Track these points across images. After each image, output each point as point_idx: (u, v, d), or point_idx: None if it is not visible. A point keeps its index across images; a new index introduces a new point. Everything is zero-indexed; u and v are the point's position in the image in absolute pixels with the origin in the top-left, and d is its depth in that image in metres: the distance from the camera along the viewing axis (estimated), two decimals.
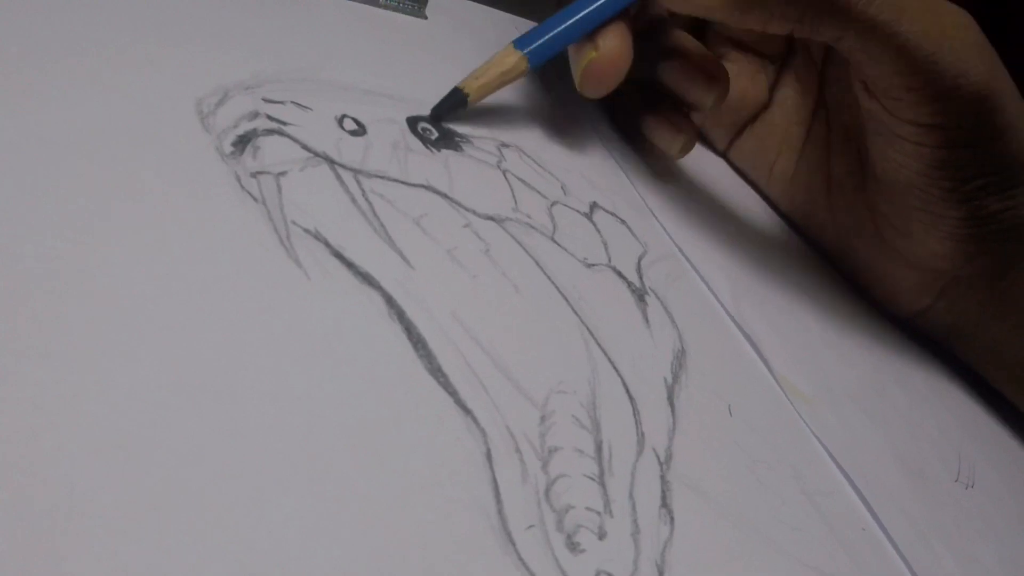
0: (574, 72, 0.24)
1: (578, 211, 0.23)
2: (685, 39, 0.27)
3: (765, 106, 0.30)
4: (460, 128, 0.23)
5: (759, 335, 0.23)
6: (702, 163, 0.31)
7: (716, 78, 0.26)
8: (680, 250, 0.25)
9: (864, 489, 0.21)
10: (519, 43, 0.23)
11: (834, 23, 0.22)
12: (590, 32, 0.24)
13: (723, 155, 0.32)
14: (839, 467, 0.21)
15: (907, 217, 0.25)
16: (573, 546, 0.15)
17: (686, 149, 0.27)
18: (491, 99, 0.24)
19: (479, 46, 0.27)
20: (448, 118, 0.23)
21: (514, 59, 0.23)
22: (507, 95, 0.26)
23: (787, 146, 0.30)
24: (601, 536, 0.15)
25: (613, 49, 0.23)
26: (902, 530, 0.20)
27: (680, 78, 0.26)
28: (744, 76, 0.30)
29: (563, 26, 0.24)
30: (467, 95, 0.23)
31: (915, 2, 0.21)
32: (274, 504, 0.12)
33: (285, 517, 0.12)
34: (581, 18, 0.24)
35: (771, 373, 0.22)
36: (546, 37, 0.23)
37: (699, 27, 0.30)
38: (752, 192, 0.32)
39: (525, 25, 0.31)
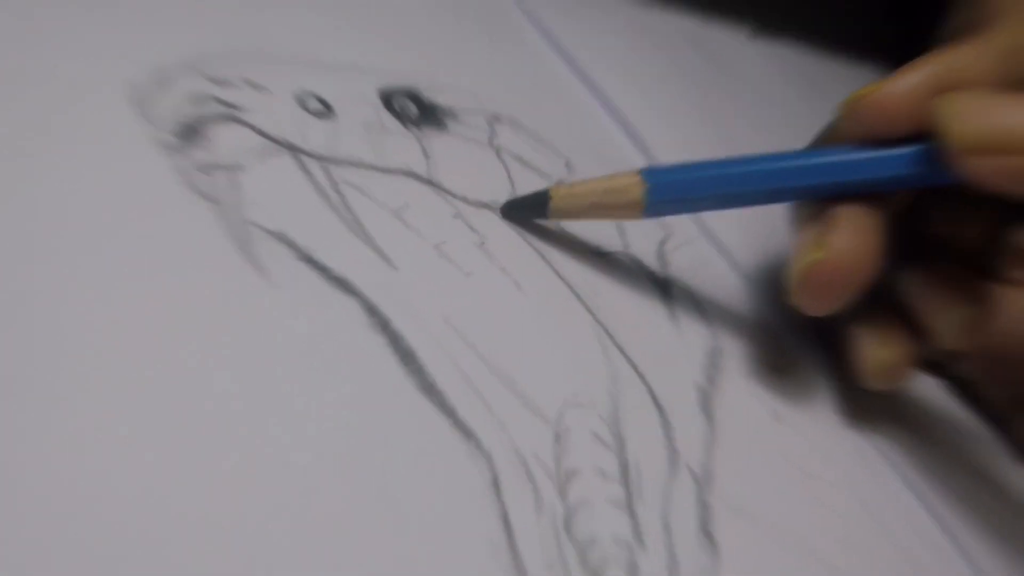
0: (792, 258, 0.19)
1: None
2: (935, 240, 0.22)
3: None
4: (443, 101, 0.23)
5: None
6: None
7: (970, 297, 0.20)
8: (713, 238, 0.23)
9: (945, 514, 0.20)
10: (649, 172, 0.19)
11: None
12: (819, 202, 0.19)
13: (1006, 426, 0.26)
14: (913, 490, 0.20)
15: None
16: None
17: (893, 371, 0.21)
18: (479, 66, 0.23)
19: (461, 6, 0.26)
20: (513, 219, 0.20)
21: (628, 185, 0.19)
22: (496, 58, 0.25)
23: None
24: (632, 572, 0.15)
25: (848, 251, 0.18)
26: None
27: (920, 288, 0.21)
28: None
29: (728, 171, 0.19)
30: (551, 206, 0.20)
31: None
32: (253, 542, 0.12)
33: (264, 558, 0.12)
34: (771, 173, 0.18)
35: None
36: (689, 177, 0.19)
37: (994, 237, 0.24)
38: None
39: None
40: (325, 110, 0.20)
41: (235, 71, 0.19)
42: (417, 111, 0.21)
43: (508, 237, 0.20)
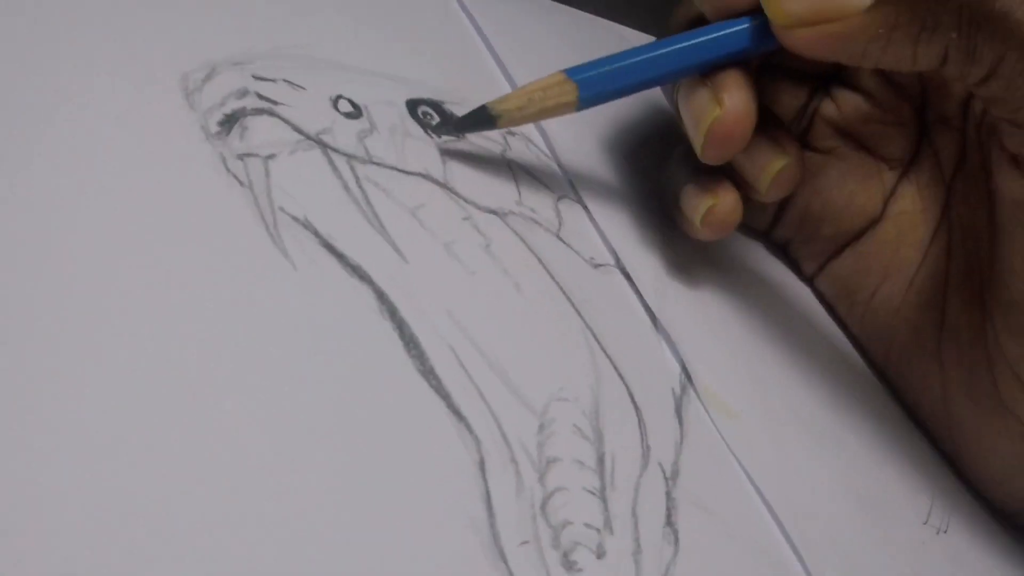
0: (691, 130, 0.21)
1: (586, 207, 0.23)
2: (762, 105, 0.23)
3: (876, 220, 0.25)
4: (463, 114, 0.23)
5: (679, 333, 0.21)
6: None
7: (783, 152, 0.22)
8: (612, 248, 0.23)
9: (788, 522, 0.19)
10: (573, 71, 0.21)
11: (995, 34, 0.18)
12: (696, 76, 0.21)
13: (809, 281, 0.27)
14: (758, 492, 0.19)
15: None
16: (569, 565, 0.15)
17: (715, 216, 0.22)
18: (500, 85, 0.23)
19: (486, 26, 0.27)
20: (470, 130, 0.21)
21: (557, 83, 0.21)
22: (517, 81, 0.26)
23: (896, 271, 0.25)
24: (600, 555, 0.16)
25: (740, 107, 0.20)
26: (833, 574, 0.18)
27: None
28: (854, 178, 0.25)
29: (636, 60, 0.21)
30: (496, 116, 0.21)
31: None
32: (248, 514, 0.13)
33: (264, 529, 0.12)
34: (667, 57, 0.20)
35: (690, 381, 0.20)
36: (609, 69, 0.20)
37: (805, 107, 0.26)
38: None
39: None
40: (355, 112, 0.20)
41: (277, 71, 0.19)
42: (439, 120, 0.22)
43: (512, 242, 0.20)
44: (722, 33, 0.20)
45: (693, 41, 0.20)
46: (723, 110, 0.20)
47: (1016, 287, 0.21)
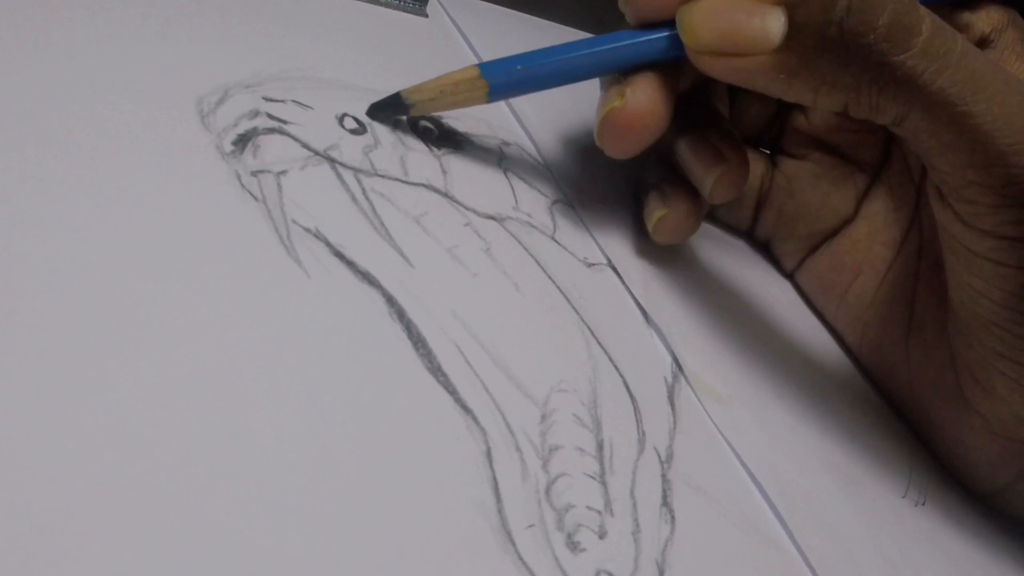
0: (597, 120, 0.20)
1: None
2: (715, 113, 0.23)
3: (849, 220, 0.25)
4: (461, 127, 0.23)
5: (669, 326, 0.21)
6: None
7: (723, 158, 0.21)
8: (600, 247, 0.23)
9: (777, 498, 0.18)
10: (486, 67, 0.20)
11: (896, 96, 0.17)
12: (617, 75, 0.20)
13: (789, 276, 0.27)
14: (748, 472, 0.19)
15: (988, 367, 0.20)
16: (573, 545, 0.15)
17: (664, 225, 0.22)
18: (499, 106, 0.23)
19: (480, 44, 0.27)
20: (383, 120, 0.21)
21: (469, 79, 0.20)
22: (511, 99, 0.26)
23: (869, 268, 0.25)
24: (602, 535, 0.15)
25: (642, 102, 0.19)
26: (820, 546, 0.18)
27: (687, 152, 0.22)
28: (827, 181, 0.25)
29: (551, 59, 0.20)
30: (409, 105, 0.20)
31: (995, 77, 0.17)
32: (273, 503, 0.13)
33: (283, 517, 0.12)
34: (581, 57, 0.20)
35: (680, 370, 0.20)
36: (521, 65, 0.20)
37: (776, 117, 0.26)
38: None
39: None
40: (360, 128, 0.20)
41: (286, 92, 0.19)
42: (438, 134, 0.22)
43: (510, 245, 0.20)
44: (649, 38, 0.20)
45: (610, 46, 0.20)
46: (623, 102, 0.20)
47: (959, 305, 0.20)
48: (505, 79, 0.20)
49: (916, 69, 0.17)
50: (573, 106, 0.26)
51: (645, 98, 0.20)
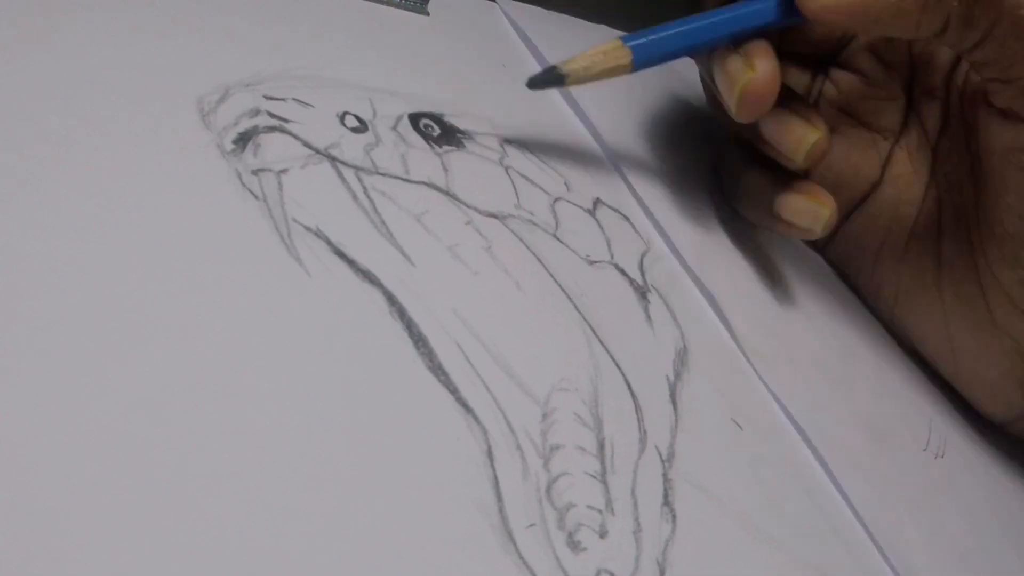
0: (726, 91, 0.23)
1: (581, 208, 0.23)
2: (788, 89, 0.25)
3: (877, 184, 0.28)
4: (462, 125, 0.23)
5: (720, 293, 0.23)
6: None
7: (814, 126, 0.23)
8: (660, 228, 0.24)
9: (821, 448, 0.20)
10: (628, 38, 0.22)
11: (988, 5, 0.20)
12: (729, 46, 0.23)
13: (820, 250, 0.30)
14: (794, 423, 0.21)
15: None
16: (574, 544, 0.15)
17: (818, 217, 0.24)
18: (496, 97, 0.24)
19: (481, 42, 0.27)
20: (540, 87, 0.23)
21: (615, 49, 0.22)
22: (511, 94, 0.26)
23: (897, 226, 0.27)
24: (602, 534, 0.15)
25: (769, 71, 0.22)
26: (861, 492, 0.20)
27: (775, 125, 0.24)
28: (856, 150, 0.27)
29: (681, 29, 0.22)
30: (565, 75, 0.22)
31: None
32: (273, 503, 0.13)
33: (284, 515, 0.12)
34: (706, 27, 0.22)
35: (730, 330, 0.22)
36: (658, 37, 0.22)
37: (809, 90, 0.28)
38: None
39: (526, 15, 0.31)
40: (361, 127, 0.20)
41: (287, 91, 0.19)
42: (440, 132, 0.22)
43: (512, 244, 0.20)
44: (754, 8, 0.22)
45: (730, 15, 0.22)
46: (755, 73, 0.22)
47: (1010, 221, 0.23)
48: (646, 47, 0.22)
49: None
50: (632, 95, 0.28)
51: (770, 66, 0.22)
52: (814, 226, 0.24)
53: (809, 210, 0.24)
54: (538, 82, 0.22)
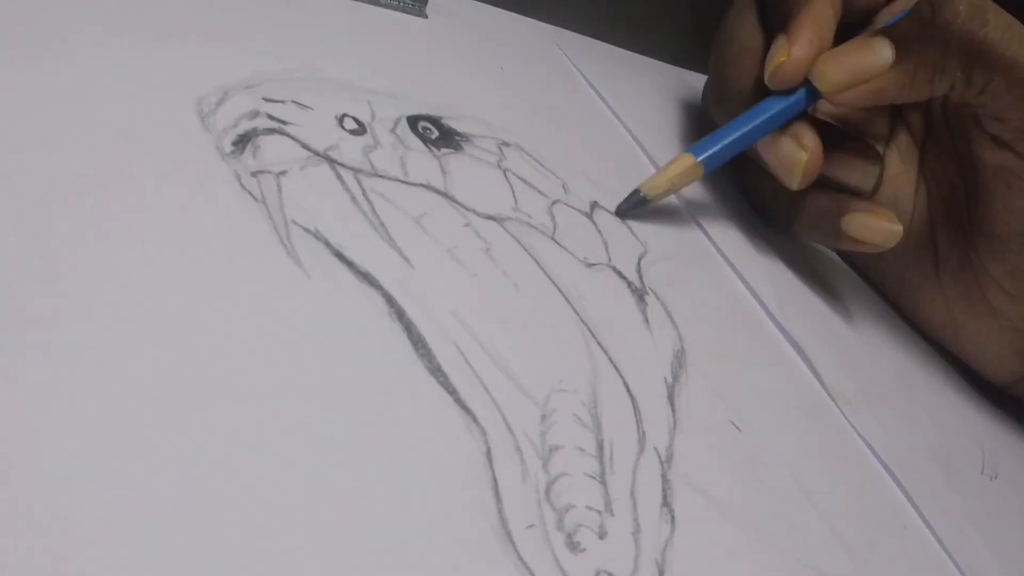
0: (784, 171, 0.26)
1: (579, 210, 0.23)
2: (833, 128, 0.28)
3: (876, 186, 0.30)
4: (461, 127, 0.23)
5: (805, 342, 0.25)
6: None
7: (874, 157, 0.27)
8: (720, 251, 0.26)
9: (906, 483, 0.22)
10: (696, 150, 0.25)
11: (984, 65, 0.23)
12: (774, 130, 0.26)
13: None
14: (883, 464, 0.22)
15: (1019, 275, 0.27)
16: (573, 545, 0.15)
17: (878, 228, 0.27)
18: (494, 99, 0.24)
19: (479, 45, 0.27)
20: (630, 216, 0.25)
21: (690, 166, 0.25)
22: (509, 95, 0.26)
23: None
24: (602, 535, 0.15)
25: (817, 148, 0.25)
26: (942, 523, 0.21)
27: (838, 165, 0.27)
28: (854, 158, 0.30)
29: (739, 134, 0.26)
30: (647, 197, 0.25)
31: None
32: (272, 503, 0.13)
33: (283, 517, 0.12)
34: (757, 126, 0.26)
35: (819, 381, 0.24)
36: (722, 145, 0.25)
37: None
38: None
39: (525, 24, 0.31)
40: (360, 129, 0.20)
41: (286, 93, 0.19)
42: (438, 134, 0.22)
43: (510, 246, 0.20)
44: (794, 100, 0.26)
45: (776, 111, 0.26)
46: (808, 153, 0.25)
47: (998, 224, 0.27)
48: (714, 159, 0.25)
49: (994, 39, 0.23)
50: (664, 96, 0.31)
51: (816, 143, 0.25)
52: (887, 242, 0.26)
53: (880, 228, 0.26)
54: (625, 209, 0.25)
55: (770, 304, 0.25)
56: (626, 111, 0.30)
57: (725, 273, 0.26)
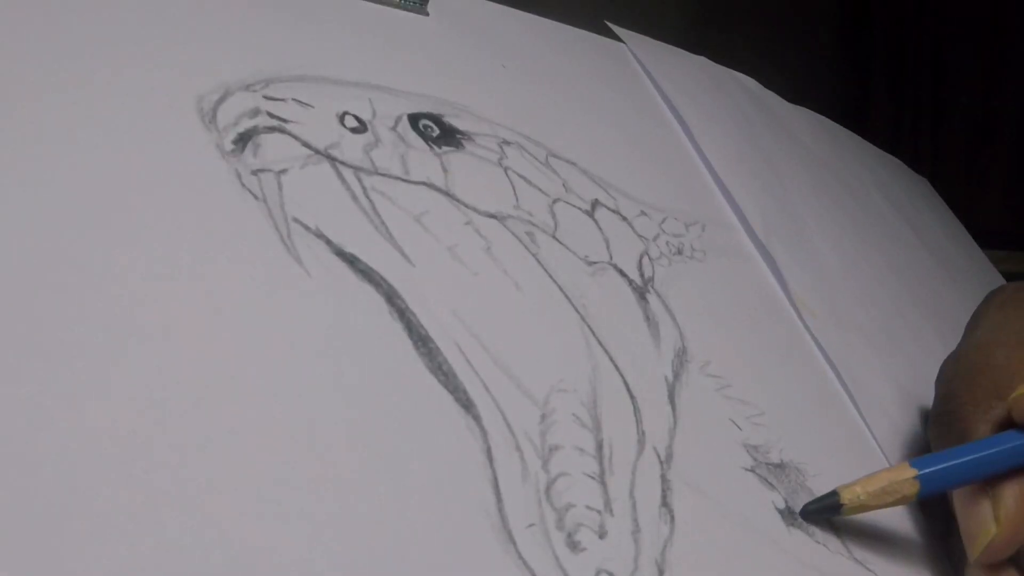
0: (968, 537, 0.20)
1: (580, 208, 0.23)
2: None
3: None
4: (462, 125, 0.23)
5: (781, 260, 0.25)
6: None
7: (996, 517, 0.20)
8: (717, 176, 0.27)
9: (866, 411, 0.23)
10: (917, 463, 0.20)
11: None
12: (984, 479, 0.20)
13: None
14: (836, 374, 0.23)
15: None
16: (573, 545, 0.15)
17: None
18: (496, 97, 0.23)
19: (481, 42, 0.27)
20: (814, 518, 0.20)
21: (907, 481, 0.20)
22: (510, 93, 0.26)
23: None
24: (601, 535, 0.16)
25: (1012, 531, 0.20)
26: (881, 424, 0.22)
27: (964, 504, 0.21)
28: None
29: (968, 459, 0.20)
30: (842, 505, 0.19)
31: None
32: (273, 503, 0.13)
33: (284, 516, 0.12)
34: (990, 459, 0.20)
35: (785, 291, 0.24)
36: (948, 465, 0.20)
37: None
38: None
39: (527, 21, 0.31)
40: (361, 127, 0.20)
41: (286, 91, 0.19)
42: (439, 132, 0.21)
43: (511, 244, 0.20)
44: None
45: (1009, 445, 0.20)
46: (1000, 531, 0.20)
47: None
48: (937, 481, 0.20)
49: None
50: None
51: (1015, 523, 0.20)
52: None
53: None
54: (812, 512, 0.20)
55: (757, 226, 0.26)
56: (679, 107, 0.30)
57: (728, 271, 0.26)
